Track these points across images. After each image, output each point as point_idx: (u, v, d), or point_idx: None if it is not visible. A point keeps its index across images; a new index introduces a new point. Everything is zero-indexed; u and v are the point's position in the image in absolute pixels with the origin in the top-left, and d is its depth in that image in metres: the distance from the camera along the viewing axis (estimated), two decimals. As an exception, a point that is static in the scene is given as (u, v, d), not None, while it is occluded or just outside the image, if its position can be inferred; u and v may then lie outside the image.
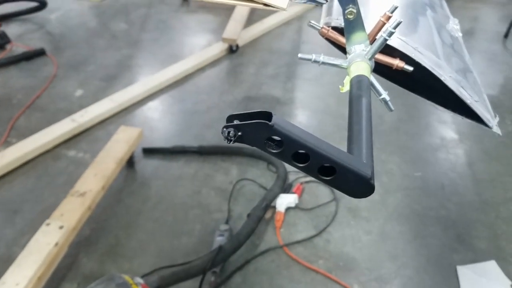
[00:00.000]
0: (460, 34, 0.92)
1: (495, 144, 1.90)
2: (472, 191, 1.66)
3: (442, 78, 0.62)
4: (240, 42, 2.70)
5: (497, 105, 2.16)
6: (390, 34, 0.52)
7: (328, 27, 0.64)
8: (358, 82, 0.51)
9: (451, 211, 1.57)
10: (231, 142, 0.35)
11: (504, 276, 1.32)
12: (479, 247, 1.43)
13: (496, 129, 0.65)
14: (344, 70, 0.58)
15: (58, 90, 2.28)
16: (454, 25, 0.92)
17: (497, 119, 0.68)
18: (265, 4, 0.51)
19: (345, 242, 1.45)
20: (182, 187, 1.67)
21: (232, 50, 2.64)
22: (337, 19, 0.64)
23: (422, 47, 0.64)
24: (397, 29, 0.54)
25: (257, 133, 0.35)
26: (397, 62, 0.60)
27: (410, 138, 1.95)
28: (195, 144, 1.85)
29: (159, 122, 2.08)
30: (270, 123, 0.34)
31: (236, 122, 0.37)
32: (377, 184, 1.66)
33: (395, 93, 0.76)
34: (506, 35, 2.93)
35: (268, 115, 0.35)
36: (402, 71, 0.61)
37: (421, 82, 0.70)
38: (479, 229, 1.50)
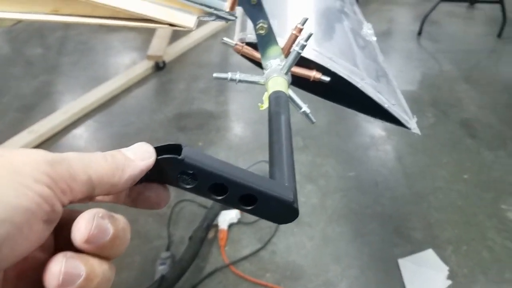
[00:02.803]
0: (374, 38, 0.95)
1: (419, 137, 2.02)
2: (404, 184, 1.74)
3: (358, 86, 0.63)
4: (167, 58, 2.65)
5: (417, 100, 2.30)
6: (302, 47, 0.51)
7: (243, 43, 0.62)
8: (276, 99, 0.50)
9: (386, 206, 1.63)
10: (140, 182, 0.32)
11: (441, 263, 1.39)
12: (416, 238, 1.50)
13: (415, 129, 0.68)
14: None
15: (-32, 126, 2.08)
16: (368, 30, 0.95)
17: (415, 119, 0.71)
18: (171, 25, 0.48)
19: (290, 251, 1.45)
20: (117, 216, 1.58)
21: (159, 67, 2.58)
22: (251, 35, 0.63)
23: (337, 56, 0.65)
24: (313, 39, 0.53)
25: (167, 169, 0.31)
26: (313, 74, 0.60)
27: (342, 139, 2.01)
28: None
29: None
30: (179, 157, 0.31)
31: None
32: (315, 188, 1.69)
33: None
34: (419, 33, 3.15)
35: (177, 148, 0.32)
36: (321, 82, 0.61)
37: (340, 91, 0.71)
38: (414, 220, 1.57)
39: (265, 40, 0.55)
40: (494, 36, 3.15)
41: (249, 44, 0.63)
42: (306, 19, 0.55)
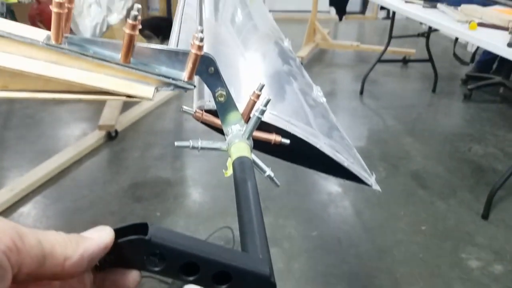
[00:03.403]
0: (324, 99, 0.99)
1: (374, 192, 2.06)
2: (366, 239, 1.75)
3: (318, 146, 0.64)
4: (119, 127, 2.61)
5: (367, 155, 2.39)
6: (262, 112, 0.52)
7: (201, 110, 0.62)
8: (241, 164, 0.49)
9: (351, 264, 1.61)
10: (103, 268, 0.29)
11: (411, 319, 1.37)
12: (384, 295, 1.48)
13: (375, 186, 0.69)
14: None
15: None
16: (318, 92, 0.99)
17: (374, 176, 0.72)
18: (129, 96, 0.47)
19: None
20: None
21: (111, 136, 2.53)
22: (209, 102, 0.63)
23: (294, 119, 0.66)
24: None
25: (133, 252, 0.29)
26: (274, 137, 0.61)
27: (301, 198, 2.02)
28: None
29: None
30: (146, 238, 0.28)
31: None
32: (279, 251, 1.65)
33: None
34: (361, 92, 3.36)
35: (143, 227, 0.29)
36: (280, 144, 0.62)
37: (300, 152, 0.72)
38: (380, 277, 1.55)
39: (224, 107, 0.55)
40: (429, 91, 3.42)
41: (207, 111, 0.63)
42: (263, 85, 0.56)
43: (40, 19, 2.91)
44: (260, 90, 0.56)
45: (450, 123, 2.91)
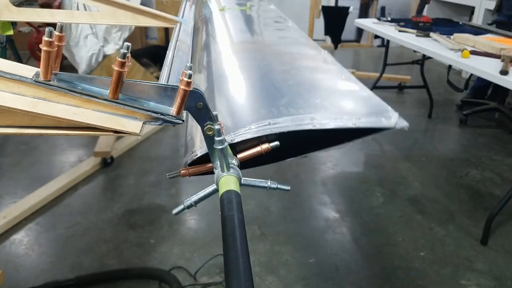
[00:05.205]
0: (290, 24, 0.96)
1: (372, 217, 2.05)
2: (364, 266, 1.72)
3: (310, 127, 0.57)
4: (115, 154, 2.60)
5: (365, 180, 2.38)
6: (221, 142, 0.52)
7: (186, 167, 0.63)
8: (228, 200, 0.49)
9: (349, 292, 1.58)
10: None
11: None
12: (382, 325, 1.45)
13: (399, 123, 0.58)
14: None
15: None
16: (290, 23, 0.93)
17: (396, 113, 0.59)
18: (116, 132, 0.47)
19: None
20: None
21: (107, 163, 2.52)
22: (192, 152, 0.63)
23: (274, 120, 0.60)
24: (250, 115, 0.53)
25: None
26: (262, 148, 0.59)
27: (298, 224, 2.00)
28: (72, 276, 1.62)
29: (26, 257, 1.78)
30: None
31: None
32: (276, 280, 1.62)
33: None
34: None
35: None
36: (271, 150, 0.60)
37: (292, 144, 0.67)
38: (379, 306, 1.52)
39: (214, 141, 0.55)
40: (425, 116, 3.44)
41: (192, 163, 0.63)
42: (215, 114, 0.53)
43: (38, 48, 2.94)
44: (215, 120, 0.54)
45: (446, 148, 2.92)
